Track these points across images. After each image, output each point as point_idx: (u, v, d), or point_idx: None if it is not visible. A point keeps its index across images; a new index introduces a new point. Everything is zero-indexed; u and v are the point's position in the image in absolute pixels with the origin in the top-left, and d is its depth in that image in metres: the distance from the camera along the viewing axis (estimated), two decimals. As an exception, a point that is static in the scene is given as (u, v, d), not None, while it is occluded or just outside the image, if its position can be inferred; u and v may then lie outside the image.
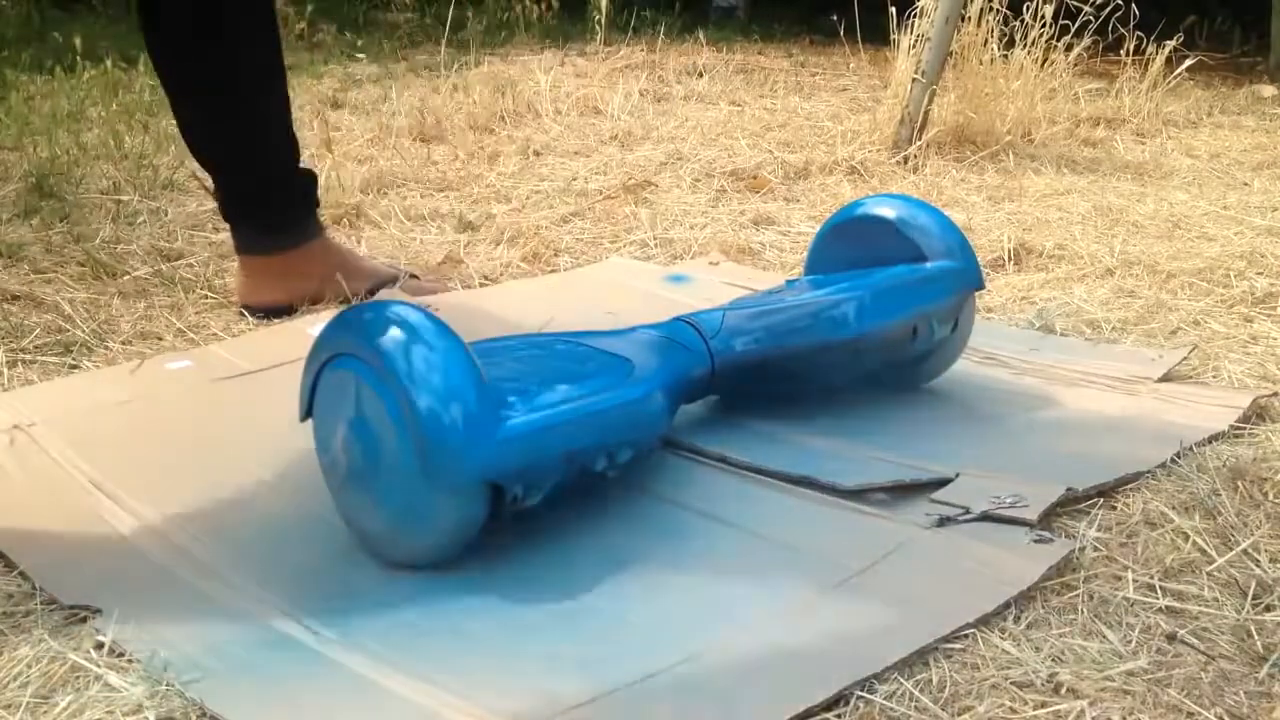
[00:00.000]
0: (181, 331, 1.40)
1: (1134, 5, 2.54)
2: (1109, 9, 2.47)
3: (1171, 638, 0.82)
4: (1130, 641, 0.81)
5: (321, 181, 1.94)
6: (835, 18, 2.92)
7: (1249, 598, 0.86)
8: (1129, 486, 1.02)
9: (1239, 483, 1.01)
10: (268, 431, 1.11)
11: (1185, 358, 1.30)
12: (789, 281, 1.26)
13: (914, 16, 2.41)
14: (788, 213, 1.94)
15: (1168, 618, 0.84)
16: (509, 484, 0.87)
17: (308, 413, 0.95)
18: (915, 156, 2.25)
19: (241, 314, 1.47)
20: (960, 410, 1.19)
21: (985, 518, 0.95)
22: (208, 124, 1.43)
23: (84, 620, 0.83)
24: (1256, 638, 0.82)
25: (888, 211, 1.20)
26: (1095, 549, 0.92)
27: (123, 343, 1.36)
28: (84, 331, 1.37)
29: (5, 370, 1.27)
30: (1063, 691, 0.76)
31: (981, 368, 1.28)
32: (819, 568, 0.90)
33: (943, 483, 1.01)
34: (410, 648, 0.80)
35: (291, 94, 1.48)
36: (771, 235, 1.82)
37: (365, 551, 0.92)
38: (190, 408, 1.20)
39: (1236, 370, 1.27)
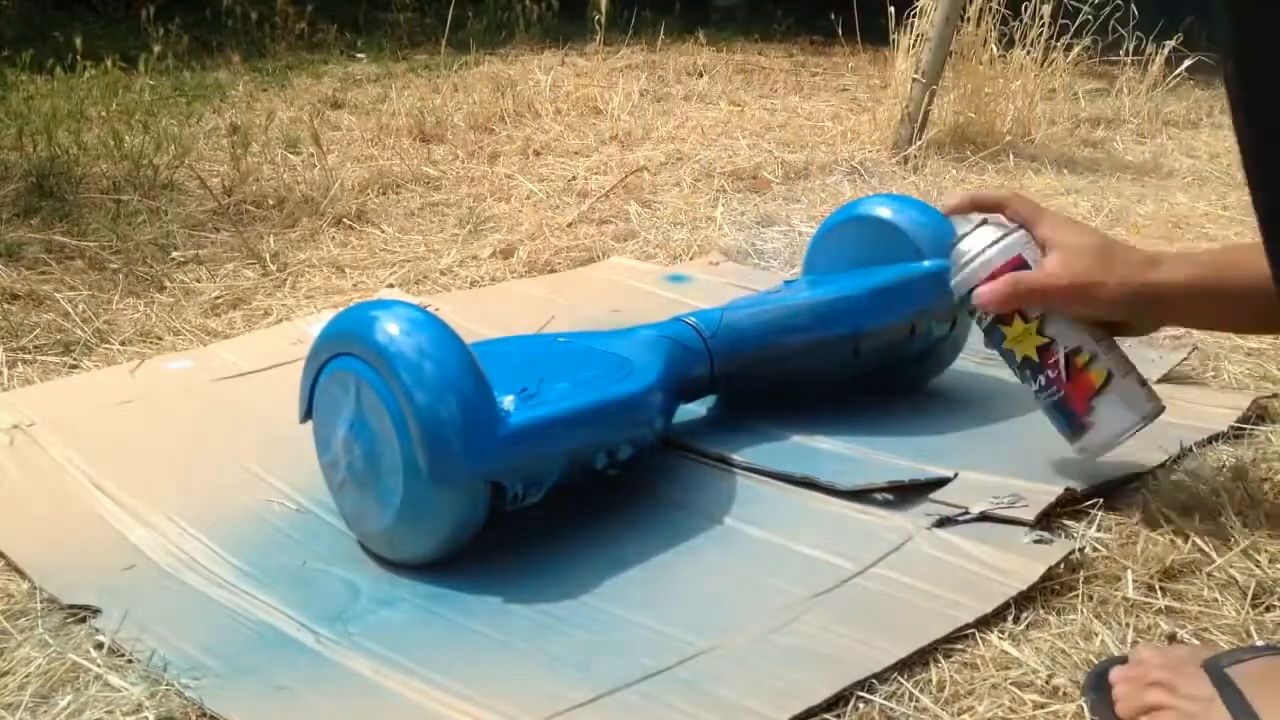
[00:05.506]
0: (181, 331, 1.40)
1: (1133, 5, 2.54)
2: (1109, 9, 2.47)
3: (1171, 638, 0.82)
4: (1130, 641, 0.81)
5: (321, 182, 1.94)
6: (834, 17, 2.92)
7: (1249, 598, 0.86)
8: (1129, 486, 1.02)
9: (1239, 483, 1.01)
10: (267, 432, 1.11)
11: (1185, 358, 1.30)
12: (787, 281, 1.26)
13: (914, 16, 2.41)
14: (788, 213, 1.94)
15: (1168, 618, 0.84)
16: (509, 482, 0.88)
17: (308, 413, 0.95)
18: (915, 156, 2.25)
19: None
20: (960, 410, 1.19)
21: (984, 518, 0.95)
22: None
23: (84, 620, 0.83)
24: (1256, 638, 0.82)
25: (886, 211, 1.20)
26: (1095, 549, 0.92)
27: (123, 343, 1.36)
28: (84, 331, 1.37)
29: (5, 370, 1.27)
30: (1062, 692, 0.76)
31: (981, 368, 1.28)
32: (819, 568, 0.90)
33: (942, 483, 1.01)
34: (410, 648, 0.80)
35: (291, 94, 1.47)
36: (771, 235, 1.82)
37: (365, 551, 0.93)
38: (190, 408, 1.20)
39: (1237, 371, 1.27)
